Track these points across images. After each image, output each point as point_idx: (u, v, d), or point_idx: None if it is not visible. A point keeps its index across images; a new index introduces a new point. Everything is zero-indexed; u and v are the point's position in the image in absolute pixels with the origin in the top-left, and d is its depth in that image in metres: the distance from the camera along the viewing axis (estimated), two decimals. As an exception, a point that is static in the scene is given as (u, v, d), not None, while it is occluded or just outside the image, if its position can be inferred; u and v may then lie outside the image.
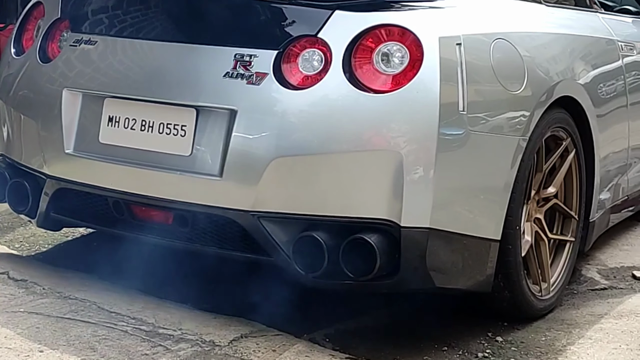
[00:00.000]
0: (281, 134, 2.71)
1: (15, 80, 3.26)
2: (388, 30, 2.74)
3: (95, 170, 2.97)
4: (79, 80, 3.06)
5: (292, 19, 2.85)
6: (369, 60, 2.73)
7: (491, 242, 2.88)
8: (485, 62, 2.87)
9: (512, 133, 2.92)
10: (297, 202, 2.72)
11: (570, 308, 3.33)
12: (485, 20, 3.06)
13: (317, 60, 2.77)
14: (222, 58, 2.82)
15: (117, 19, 3.10)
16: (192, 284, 3.07)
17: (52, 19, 3.23)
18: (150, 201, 2.88)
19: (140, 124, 2.91)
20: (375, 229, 2.68)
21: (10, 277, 3.04)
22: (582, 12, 3.80)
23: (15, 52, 3.33)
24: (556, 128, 3.20)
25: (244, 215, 2.75)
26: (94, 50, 3.06)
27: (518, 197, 2.97)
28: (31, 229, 3.81)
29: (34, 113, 3.14)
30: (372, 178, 2.68)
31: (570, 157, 3.32)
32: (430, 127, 2.68)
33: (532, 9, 3.42)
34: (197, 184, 2.80)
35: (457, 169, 2.76)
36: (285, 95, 2.74)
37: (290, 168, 2.71)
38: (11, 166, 3.23)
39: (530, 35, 3.19)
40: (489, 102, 2.86)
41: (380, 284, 2.76)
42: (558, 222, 3.41)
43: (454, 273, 2.83)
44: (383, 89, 2.71)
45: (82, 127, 3.02)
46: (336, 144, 2.69)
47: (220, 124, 2.79)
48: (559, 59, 3.29)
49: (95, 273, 3.13)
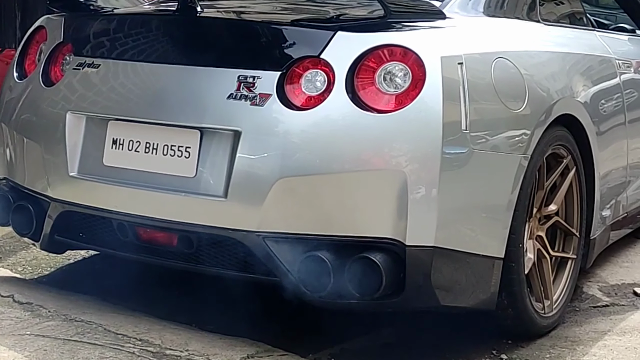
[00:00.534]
0: (285, 155, 2.73)
1: (18, 103, 3.27)
2: (390, 50, 2.77)
3: (99, 193, 2.98)
4: (82, 103, 3.07)
5: (294, 40, 2.87)
6: (371, 81, 2.76)
7: (495, 260, 2.89)
8: (486, 81, 2.90)
9: (514, 151, 2.94)
10: (302, 222, 2.74)
11: (573, 325, 3.34)
12: (485, 39, 3.10)
13: (320, 81, 2.79)
14: (226, 79, 2.84)
15: (119, 42, 3.12)
16: (197, 305, 3.08)
17: (55, 42, 3.24)
18: (154, 223, 2.89)
19: (144, 146, 2.93)
20: (380, 248, 2.69)
21: (16, 300, 3.04)
22: (580, 31, 3.84)
23: (17, 76, 3.35)
24: (557, 146, 3.23)
25: (249, 235, 2.76)
26: (97, 74, 3.08)
27: (520, 215, 2.98)
28: (33, 251, 3.81)
29: (37, 136, 3.15)
30: (377, 197, 2.70)
31: (571, 175, 3.34)
32: (433, 146, 2.70)
33: (530, 27, 3.46)
34: (202, 205, 2.81)
35: (460, 188, 2.78)
36: (289, 116, 2.76)
37: (294, 188, 2.72)
38: (15, 189, 3.24)
39: (529, 54, 3.22)
40: (491, 120, 2.89)
41: (386, 303, 2.77)
42: (559, 240, 3.42)
43: (459, 291, 2.84)
44: (386, 108, 2.73)
45: (86, 149, 3.03)
46: (340, 164, 2.70)
47: (224, 145, 2.80)
48: (559, 77, 3.31)
49: (100, 295, 3.13)
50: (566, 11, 3.91)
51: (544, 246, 3.26)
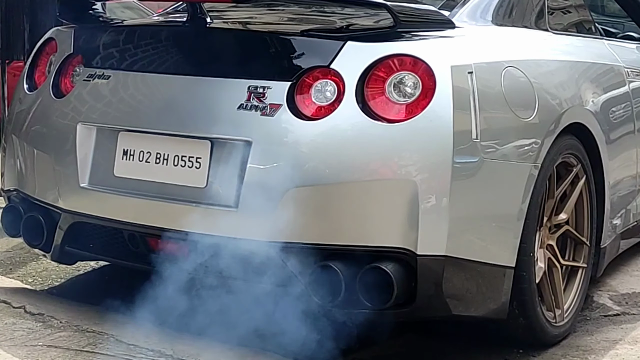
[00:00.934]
0: (296, 165, 2.73)
1: (28, 115, 3.28)
2: (400, 60, 2.77)
3: (110, 204, 2.99)
4: (92, 114, 3.08)
5: (304, 50, 2.88)
6: (381, 90, 2.76)
7: (506, 269, 2.89)
8: (496, 90, 2.90)
9: (524, 160, 2.94)
10: (314, 232, 2.74)
11: (584, 334, 3.33)
12: (494, 48, 3.10)
13: (330, 91, 2.80)
14: (236, 90, 2.85)
15: (129, 53, 3.13)
16: (208, 315, 3.06)
17: (65, 54, 3.26)
18: (166, 233, 2.89)
19: (155, 156, 2.93)
20: (391, 257, 2.70)
21: (27, 311, 3.05)
22: (588, 39, 3.84)
23: (27, 87, 3.36)
24: (567, 154, 3.23)
25: (259, 245, 2.76)
26: (107, 85, 3.09)
27: (531, 224, 2.98)
28: (43, 263, 3.81)
29: (48, 148, 3.16)
30: (388, 207, 2.70)
31: (581, 184, 3.34)
32: (444, 156, 2.70)
33: (539, 36, 3.46)
34: (213, 215, 2.81)
35: (471, 197, 2.78)
36: (299, 126, 2.76)
37: (306, 198, 2.73)
38: (25, 201, 3.24)
39: (539, 63, 3.23)
40: (502, 129, 2.89)
41: (397, 312, 2.77)
42: (570, 249, 3.42)
43: (470, 300, 2.84)
44: (396, 118, 2.73)
45: (96, 161, 3.04)
46: (351, 174, 2.70)
47: (235, 155, 2.81)
48: (568, 86, 3.31)
49: (111, 306, 3.13)
50: (574, 20, 3.91)
51: (555, 255, 3.25)
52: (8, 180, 3.37)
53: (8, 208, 3.29)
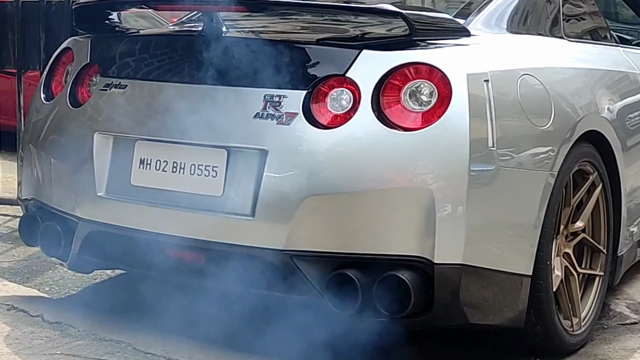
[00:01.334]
0: (312, 173, 2.74)
1: (45, 125, 3.30)
2: (416, 68, 2.78)
3: (127, 213, 2.99)
4: (109, 123, 3.10)
5: (320, 59, 2.88)
6: (397, 99, 2.76)
7: (523, 278, 2.88)
8: (512, 97, 2.90)
9: (541, 168, 2.94)
10: (330, 240, 2.74)
11: (602, 343, 3.31)
12: (510, 56, 3.10)
13: (346, 100, 2.80)
14: (252, 99, 2.86)
15: (146, 62, 3.14)
16: (224, 323, 3.07)
17: (82, 64, 3.27)
18: (182, 242, 2.89)
19: (171, 165, 2.94)
20: (408, 266, 2.69)
21: (45, 320, 3.06)
22: (604, 46, 3.83)
23: (44, 97, 3.37)
24: (583, 162, 3.21)
25: (276, 254, 2.76)
26: (123, 94, 3.10)
27: (548, 232, 2.97)
28: (60, 271, 3.83)
29: (65, 157, 3.17)
30: (405, 215, 2.70)
31: (597, 191, 3.33)
32: (460, 164, 2.70)
33: (554, 44, 3.46)
34: (229, 224, 2.82)
35: (488, 205, 2.78)
36: (315, 135, 2.77)
37: (322, 206, 2.73)
38: (42, 210, 3.26)
39: (554, 71, 3.22)
40: (518, 137, 2.88)
41: (414, 321, 2.76)
42: (587, 257, 3.40)
43: (487, 309, 2.83)
44: (412, 126, 2.73)
45: (113, 170, 3.05)
46: (368, 182, 2.70)
47: (251, 164, 2.81)
48: (583, 93, 3.31)
49: (127, 314, 3.14)
50: (589, 27, 3.91)
51: (572, 263, 3.24)
52: (25, 189, 3.39)
53: (25, 217, 3.31)
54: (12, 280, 3.71)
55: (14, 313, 3.14)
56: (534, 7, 3.45)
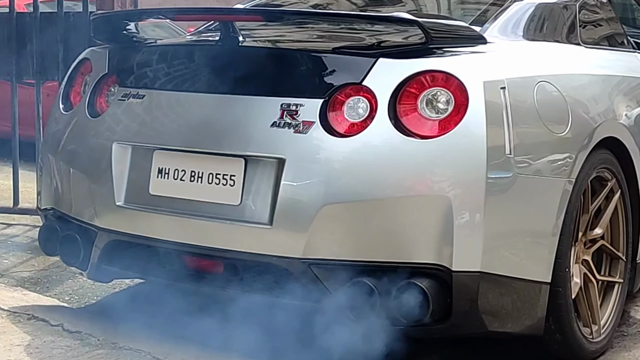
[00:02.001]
0: (330, 182, 2.74)
1: (64, 135, 3.32)
2: (432, 76, 2.78)
3: (146, 222, 3.01)
4: (128, 133, 3.11)
5: (336, 67, 2.89)
6: (414, 107, 2.76)
7: (542, 285, 2.87)
8: (529, 105, 2.90)
9: (559, 175, 2.93)
10: (348, 249, 2.74)
11: (621, 350, 3.29)
12: (527, 63, 3.10)
13: (363, 108, 2.80)
14: (269, 108, 2.87)
15: (163, 72, 3.16)
16: (243, 332, 3.07)
17: (100, 74, 3.29)
18: (201, 251, 2.91)
19: (189, 174, 2.96)
20: (426, 274, 2.69)
21: (65, 329, 3.07)
22: (621, 53, 3.82)
23: (63, 107, 3.40)
24: (601, 169, 3.20)
25: (294, 262, 2.77)
26: (141, 104, 3.12)
27: (566, 239, 2.96)
28: (79, 281, 3.85)
29: (83, 167, 3.19)
30: (422, 223, 2.70)
31: (616, 198, 3.31)
32: (478, 171, 2.70)
33: (571, 50, 3.45)
34: (248, 232, 2.82)
35: (505, 212, 2.77)
36: (332, 143, 2.77)
37: (339, 215, 2.73)
38: (62, 219, 3.28)
39: (571, 77, 3.22)
40: (535, 144, 2.88)
41: (433, 329, 2.76)
42: (606, 264, 3.39)
43: (506, 317, 2.82)
44: (429, 134, 2.73)
45: (132, 179, 3.07)
46: (385, 190, 2.71)
47: (268, 173, 2.82)
48: (601, 100, 3.30)
49: (147, 323, 3.15)
50: (606, 33, 3.90)
51: (590, 270, 3.23)
52: (45, 199, 3.41)
53: (45, 227, 3.33)
54: (32, 289, 3.74)
55: (34, 322, 3.16)
56: (550, 14, 3.45)
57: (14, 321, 3.16)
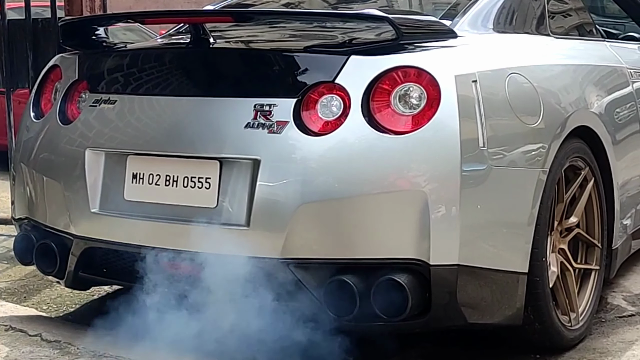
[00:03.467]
0: (305, 181, 2.74)
1: (36, 143, 3.30)
2: (404, 71, 2.79)
3: (122, 228, 3.00)
4: (100, 139, 3.10)
5: (308, 66, 2.89)
6: (387, 103, 2.77)
7: (519, 275, 2.89)
8: (501, 97, 2.91)
9: (532, 166, 2.95)
10: (326, 247, 2.75)
11: (600, 336, 3.32)
12: (497, 56, 3.11)
13: (336, 106, 2.81)
14: (242, 109, 2.86)
15: (134, 77, 3.15)
16: (223, 335, 3.07)
17: (70, 81, 3.27)
18: (178, 255, 2.89)
19: (164, 179, 2.95)
20: (404, 269, 2.70)
21: (44, 339, 3.05)
22: (590, 42, 3.85)
23: (34, 115, 3.37)
24: (574, 158, 3.23)
25: (273, 262, 2.77)
26: (113, 109, 3.10)
27: (542, 229, 2.98)
28: (57, 289, 3.82)
29: (57, 174, 3.17)
30: (399, 219, 2.71)
31: (590, 186, 3.34)
32: (452, 165, 2.71)
33: (541, 41, 3.47)
34: (225, 234, 2.82)
35: (481, 205, 2.79)
36: (307, 142, 2.77)
37: (316, 213, 2.73)
38: (37, 228, 3.26)
39: (542, 68, 3.24)
40: (508, 136, 2.89)
41: (413, 324, 2.77)
42: (582, 252, 3.42)
43: (485, 308, 2.84)
44: (403, 130, 2.74)
45: (106, 185, 3.05)
46: (361, 187, 2.71)
47: (244, 174, 2.82)
48: (572, 90, 3.32)
49: (126, 330, 3.13)
50: (575, 23, 3.93)
51: (567, 259, 3.26)
52: (19, 208, 3.38)
53: (20, 236, 3.30)
54: (9, 300, 3.70)
55: (12, 333, 3.13)
56: (519, 6, 3.47)
57: (-8, 332, 3.14)
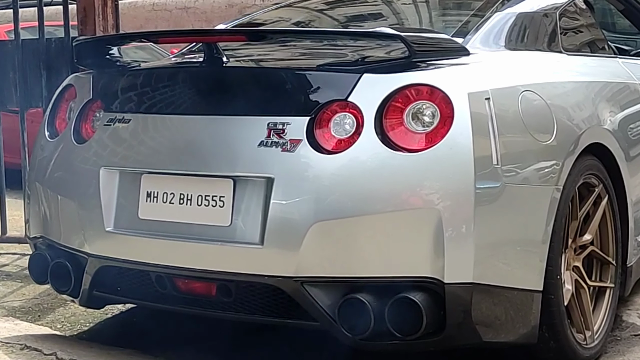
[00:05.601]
0: (319, 199, 2.74)
1: (51, 162, 3.31)
2: (417, 89, 2.79)
3: (136, 246, 3.00)
4: (115, 158, 3.11)
5: (321, 84, 2.89)
6: (400, 121, 2.77)
7: (534, 294, 2.88)
8: (514, 114, 2.91)
9: (546, 183, 2.94)
10: (340, 265, 2.74)
11: (616, 355, 3.30)
12: (510, 73, 3.11)
13: (349, 124, 2.81)
14: (256, 127, 2.87)
15: (148, 96, 3.16)
16: (238, 353, 3.07)
17: (85, 100, 3.28)
18: (192, 273, 2.90)
19: (178, 197, 2.95)
20: (419, 287, 2.69)
21: (59, 358, 3.04)
22: (602, 58, 3.85)
23: (49, 134, 3.38)
24: (588, 175, 3.22)
25: (287, 281, 2.76)
26: (127, 128, 3.11)
27: (556, 247, 2.97)
28: (71, 308, 3.83)
29: (71, 193, 3.18)
30: (413, 237, 2.70)
31: (604, 203, 3.33)
32: (466, 182, 2.70)
33: (553, 58, 3.47)
34: (239, 253, 2.82)
35: (495, 222, 2.78)
36: (320, 160, 2.78)
37: (330, 232, 2.73)
38: (51, 247, 3.26)
39: (554, 85, 3.23)
40: (522, 153, 2.89)
41: (427, 342, 2.76)
42: (596, 269, 3.40)
43: (500, 326, 2.83)
44: (417, 147, 2.74)
45: (121, 204, 3.06)
46: (375, 205, 2.71)
47: (258, 192, 2.82)
48: (585, 106, 3.32)
49: (141, 348, 3.14)
50: (587, 39, 3.93)
51: (582, 276, 3.24)
52: (33, 227, 3.39)
53: (35, 255, 3.31)
54: (23, 319, 3.71)
55: (27, 352, 3.14)
56: (531, 23, 3.48)
57: (7, 352, 3.13)
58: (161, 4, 11.62)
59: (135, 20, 10.91)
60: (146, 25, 10.96)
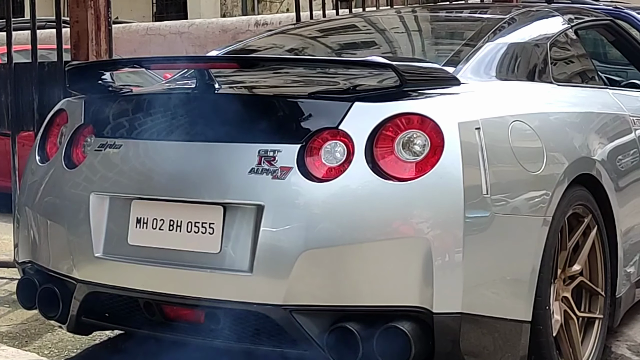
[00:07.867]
0: (309, 227, 2.74)
1: (41, 186, 3.30)
2: (407, 118, 2.80)
3: (125, 273, 2.99)
4: (105, 184, 3.11)
5: (312, 112, 2.91)
6: (390, 149, 2.78)
7: (523, 324, 2.88)
8: (504, 144, 2.92)
9: (535, 213, 2.95)
10: (329, 294, 2.74)
11: (604, 386, 3.30)
12: (500, 103, 3.13)
13: (340, 152, 2.82)
14: (247, 154, 2.87)
15: (140, 121, 3.16)
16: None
17: (76, 125, 3.28)
18: (181, 300, 2.89)
19: (168, 224, 2.95)
20: (407, 316, 2.69)
21: (45, 384, 3.04)
22: (592, 89, 3.87)
23: (39, 159, 3.38)
24: (577, 206, 3.23)
25: (275, 309, 2.76)
26: (118, 154, 3.12)
27: (545, 277, 2.97)
28: (58, 334, 3.80)
29: (61, 218, 3.17)
30: (402, 266, 2.70)
31: (593, 234, 3.34)
32: (456, 212, 2.71)
33: (543, 89, 3.49)
34: (228, 280, 2.82)
35: (484, 252, 2.78)
36: (310, 188, 2.78)
37: (320, 260, 2.73)
38: (40, 272, 3.25)
39: (544, 116, 3.25)
40: (511, 183, 2.90)
41: (416, 372, 2.75)
42: (585, 300, 3.40)
43: (488, 357, 2.82)
44: (407, 176, 2.75)
45: (110, 230, 3.05)
46: (364, 234, 2.71)
47: (248, 219, 2.82)
48: (575, 137, 3.33)
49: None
50: (577, 70, 3.95)
51: (570, 307, 3.24)
52: (22, 252, 3.38)
53: (23, 280, 3.29)
54: (10, 344, 3.68)
55: (13, 378, 3.12)
56: (522, 53, 3.50)
57: (-7, 377, 3.12)
58: (155, 28, 11.66)
59: (129, 44, 10.94)
60: (140, 49, 10.98)
